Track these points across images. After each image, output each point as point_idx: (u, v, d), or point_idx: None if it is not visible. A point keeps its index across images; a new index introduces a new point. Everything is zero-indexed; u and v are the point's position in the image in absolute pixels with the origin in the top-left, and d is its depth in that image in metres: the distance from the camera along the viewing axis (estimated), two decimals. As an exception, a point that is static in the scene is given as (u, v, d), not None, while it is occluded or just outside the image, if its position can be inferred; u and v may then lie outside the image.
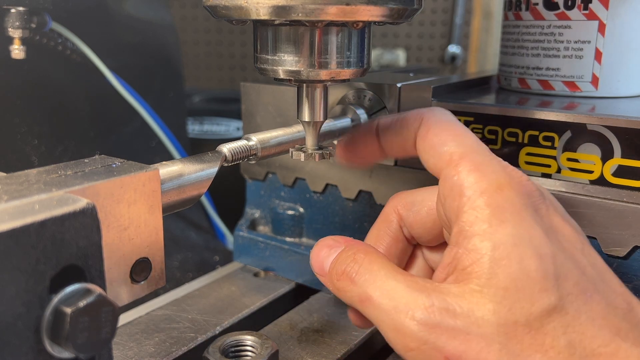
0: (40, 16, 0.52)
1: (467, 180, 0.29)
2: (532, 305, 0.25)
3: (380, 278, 0.29)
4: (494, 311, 0.25)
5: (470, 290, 0.26)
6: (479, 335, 0.25)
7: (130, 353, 0.38)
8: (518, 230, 0.27)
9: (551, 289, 0.25)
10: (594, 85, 0.45)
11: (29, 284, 0.20)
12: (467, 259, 0.27)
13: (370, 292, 0.28)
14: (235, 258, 0.54)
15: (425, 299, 0.26)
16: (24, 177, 0.25)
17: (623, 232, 0.36)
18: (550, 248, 0.26)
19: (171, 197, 0.30)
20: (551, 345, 0.25)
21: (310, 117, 0.35)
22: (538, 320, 0.25)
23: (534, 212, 0.28)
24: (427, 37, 1.33)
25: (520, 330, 0.25)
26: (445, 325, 0.26)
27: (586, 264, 0.27)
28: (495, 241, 0.26)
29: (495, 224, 0.27)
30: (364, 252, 0.31)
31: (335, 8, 0.28)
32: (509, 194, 0.28)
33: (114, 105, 0.64)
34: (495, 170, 0.29)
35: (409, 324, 0.26)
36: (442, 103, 0.42)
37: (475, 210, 0.27)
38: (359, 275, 0.29)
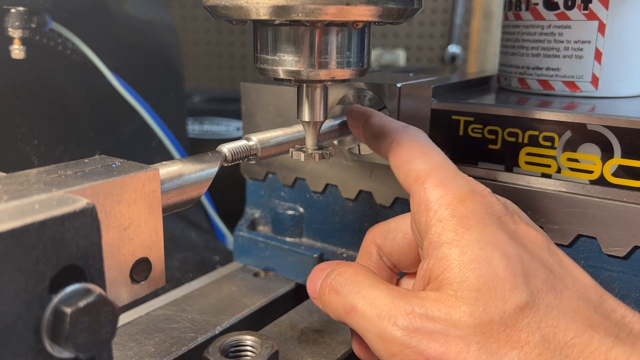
0: (40, 16, 0.52)
1: (432, 195, 0.30)
2: (505, 303, 0.26)
3: (364, 287, 0.30)
4: (470, 313, 0.26)
5: (445, 295, 0.27)
6: (457, 336, 0.26)
7: (130, 353, 0.38)
8: (483, 236, 0.28)
9: (521, 286, 0.26)
10: (594, 85, 0.45)
11: (29, 284, 0.20)
12: (438, 268, 0.28)
13: (354, 302, 0.29)
14: (235, 258, 0.54)
15: (406, 304, 0.27)
16: (24, 177, 0.25)
17: (623, 232, 0.36)
18: (515, 250, 0.28)
19: (171, 197, 0.30)
20: (526, 340, 0.25)
21: (310, 117, 0.35)
22: (512, 318, 0.26)
23: (497, 220, 0.29)
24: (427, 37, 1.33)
25: (496, 328, 0.26)
26: (425, 329, 0.26)
27: (553, 263, 0.28)
28: (462, 247, 0.28)
29: (461, 231, 0.28)
30: (348, 266, 0.32)
31: (335, 8, 0.28)
32: (472, 205, 0.29)
33: (114, 105, 0.64)
34: (459, 184, 0.30)
35: (392, 329, 0.27)
36: (442, 103, 0.42)
37: (441, 222, 0.29)
38: (343, 286, 0.30)
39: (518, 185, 0.39)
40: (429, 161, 0.32)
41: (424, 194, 0.31)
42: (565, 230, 0.38)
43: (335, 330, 0.42)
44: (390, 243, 0.36)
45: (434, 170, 0.31)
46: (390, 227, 0.36)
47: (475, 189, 0.30)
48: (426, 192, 0.30)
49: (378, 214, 0.46)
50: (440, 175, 0.31)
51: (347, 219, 0.48)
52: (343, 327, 0.43)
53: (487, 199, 0.30)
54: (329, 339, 0.41)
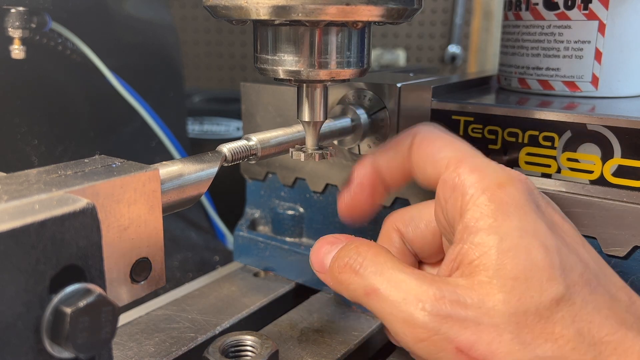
0: (40, 16, 0.52)
1: (468, 180, 0.29)
2: (541, 294, 0.25)
3: (387, 270, 0.28)
4: (505, 301, 0.25)
5: (479, 282, 0.26)
6: (490, 325, 0.25)
7: (130, 353, 0.38)
8: (523, 224, 0.27)
9: (558, 278, 0.26)
10: (594, 85, 0.45)
11: (29, 284, 0.20)
12: (474, 253, 0.27)
13: (376, 284, 0.28)
14: (235, 258, 0.54)
15: (436, 290, 0.26)
16: (24, 177, 0.25)
17: (623, 232, 0.36)
18: (554, 241, 0.27)
19: (171, 197, 0.30)
20: (561, 334, 0.25)
21: (310, 117, 0.35)
22: (548, 310, 0.25)
23: (536, 208, 0.28)
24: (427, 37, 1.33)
25: (531, 319, 0.25)
26: (457, 316, 0.26)
27: (588, 258, 0.28)
28: (501, 234, 0.27)
29: (501, 218, 0.27)
30: (367, 245, 0.30)
31: (335, 8, 0.28)
32: (511, 190, 0.28)
33: (114, 105, 0.64)
34: (495, 170, 0.29)
35: (420, 314, 0.26)
36: (442, 103, 0.42)
37: (479, 207, 0.28)
38: (364, 267, 0.29)
39: (518, 185, 0.39)
40: (459, 149, 0.31)
41: (458, 179, 0.29)
42: (565, 230, 0.38)
43: (335, 330, 0.42)
44: (413, 231, 0.35)
45: (467, 157, 0.30)
46: (412, 215, 0.35)
47: (513, 175, 0.29)
48: (460, 177, 0.29)
49: (378, 214, 0.46)
50: (473, 161, 0.30)
51: (347, 219, 0.48)
52: (343, 327, 0.43)
53: (526, 185, 0.29)
54: (329, 339, 0.41)
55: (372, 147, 0.44)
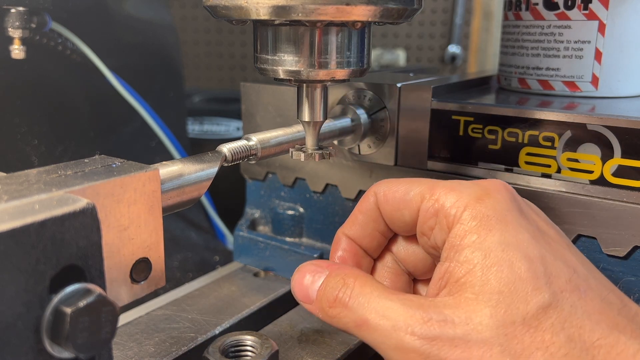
0: (40, 16, 0.52)
1: (447, 201, 0.30)
2: (527, 304, 0.26)
3: (375, 299, 0.29)
4: (491, 315, 0.26)
5: (465, 299, 0.27)
6: (479, 340, 0.25)
7: (130, 353, 0.38)
8: (505, 236, 0.27)
9: (543, 287, 0.26)
10: (594, 85, 0.45)
11: (29, 284, 0.20)
12: (460, 271, 0.27)
13: (366, 315, 0.28)
14: (235, 258, 0.54)
15: (423, 313, 0.27)
16: (24, 177, 0.25)
17: (623, 232, 0.36)
18: (538, 250, 0.27)
19: (171, 197, 0.30)
20: (551, 341, 0.25)
21: (310, 117, 0.35)
22: (535, 318, 0.25)
23: (518, 215, 0.29)
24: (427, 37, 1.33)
25: (519, 329, 0.25)
26: (445, 336, 0.26)
27: (576, 262, 0.28)
28: (484, 250, 0.27)
29: (483, 233, 0.28)
30: (353, 276, 0.31)
31: (335, 8, 0.28)
32: (490, 202, 0.29)
33: (114, 105, 0.64)
34: (469, 186, 0.30)
35: (409, 339, 0.26)
36: (442, 103, 0.42)
37: (462, 224, 0.28)
38: (352, 299, 0.29)
39: (518, 185, 0.39)
40: (426, 181, 0.32)
41: (437, 203, 0.30)
42: (566, 230, 0.38)
43: (335, 330, 0.42)
44: (405, 250, 0.35)
45: (436, 184, 0.31)
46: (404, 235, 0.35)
47: (490, 187, 0.30)
48: (439, 201, 0.30)
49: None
50: (445, 185, 0.31)
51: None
52: (343, 327, 0.43)
53: (506, 193, 0.30)
54: (329, 339, 0.41)
55: (372, 147, 0.44)
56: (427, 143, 0.43)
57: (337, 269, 0.32)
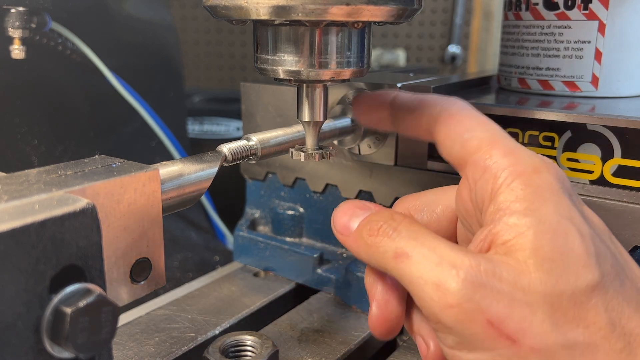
0: (40, 16, 0.52)
1: (502, 163, 0.28)
2: (577, 279, 0.25)
3: (422, 236, 0.28)
4: (541, 281, 0.25)
5: (515, 260, 0.26)
6: (524, 302, 0.25)
7: (130, 353, 0.38)
8: (559, 209, 0.27)
9: (594, 265, 0.25)
10: (594, 85, 0.45)
11: (29, 284, 0.20)
12: (509, 233, 0.26)
13: (409, 247, 0.27)
14: (235, 258, 0.54)
15: (472, 259, 0.26)
16: (24, 177, 0.25)
17: (623, 232, 0.36)
18: (589, 229, 0.27)
19: (171, 197, 0.30)
20: (593, 320, 0.25)
21: (310, 117, 0.35)
22: (583, 295, 0.25)
23: (569, 197, 0.28)
24: (427, 37, 1.33)
25: (565, 302, 0.25)
26: (491, 287, 0.25)
27: (615, 251, 0.28)
28: (539, 217, 0.26)
29: (538, 202, 0.26)
30: (402, 214, 0.30)
31: (335, 8, 0.28)
32: (546, 176, 0.28)
33: (114, 105, 0.64)
34: (529, 155, 0.29)
35: (453, 279, 0.25)
36: (442, 103, 0.42)
37: (513, 190, 0.27)
38: (397, 232, 0.28)
39: (518, 185, 0.39)
40: (490, 130, 0.30)
41: (490, 161, 0.28)
42: (565, 230, 0.38)
43: (335, 330, 0.42)
44: (428, 217, 0.33)
45: (499, 139, 0.29)
46: (427, 200, 0.34)
47: (547, 161, 0.29)
48: (493, 158, 0.28)
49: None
50: (506, 144, 0.29)
51: (347, 219, 0.48)
52: (343, 327, 0.43)
53: (560, 173, 0.29)
54: (329, 339, 0.41)
55: (372, 147, 0.44)
56: (427, 143, 0.43)
57: (387, 209, 0.31)
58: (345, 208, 0.32)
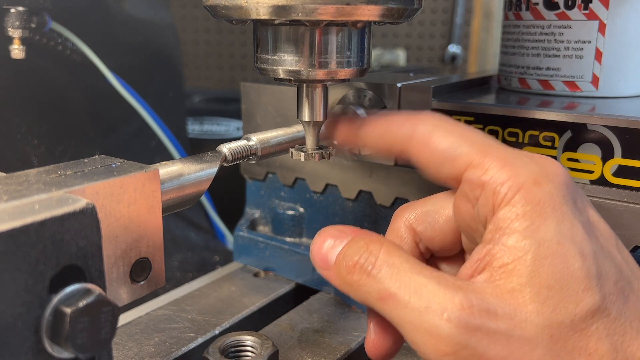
0: (40, 16, 0.52)
1: (499, 177, 0.26)
2: (577, 305, 0.24)
3: (405, 273, 0.26)
4: (538, 312, 0.24)
5: (509, 289, 0.24)
6: (522, 339, 0.23)
7: (130, 353, 0.38)
8: (561, 227, 0.25)
9: (594, 288, 0.24)
10: (594, 85, 0.45)
11: (29, 284, 0.20)
12: (507, 257, 0.25)
13: (393, 288, 0.26)
14: (235, 258, 0.54)
15: (463, 297, 0.24)
16: (23, 177, 0.25)
17: (623, 232, 0.36)
18: (591, 246, 0.25)
19: (171, 197, 0.30)
20: (594, 348, 0.24)
21: (310, 117, 0.35)
22: (583, 322, 0.24)
23: (573, 206, 0.26)
24: (427, 37, 1.33)
25: (565, 332, 0.24)
26: (487, 328, 0.24)
27: (621, 261, 0.26)
28: (538, 239, 0.25)
29: (538, 220, 0.25)
30: (379, 243, 0.28)
31: (335, 8, 0.28)
32: (548, 188, 0.26)
33: (114, 105, 0.64)
34: (527, 163, 0.27)
35: (445, 326, 0.24)
36: (442, 103, 0.42)
37: (513, 206, 0.25)
38: (377, 268, 0.26)
39: (518, 185, 0.39)
40: (477, 142, 0.28)
41: (487, 176, 0.26)
42: (566, 230, 0.38)
43: (335, 331, 0.42)
44: (432, 227, 0.31)
45: (489, 150, 0.27)
46: (428, 210, 0.31)
47: (549, 169, 0.27)
48: (488, 173, 0.26)
49: (378, 214, 0.46)
50: (500, 154, 0.27)
51: (347, 219, 0.48)
52: (343, 327, 0.43)
53: (563, 178, 0.27)
54: (329, 339, 0.41)
55: (372, 147, 0.44)
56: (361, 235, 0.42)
57: (362, 234, 0.29)
58: (321, 239, 0.30)
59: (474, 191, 0.27)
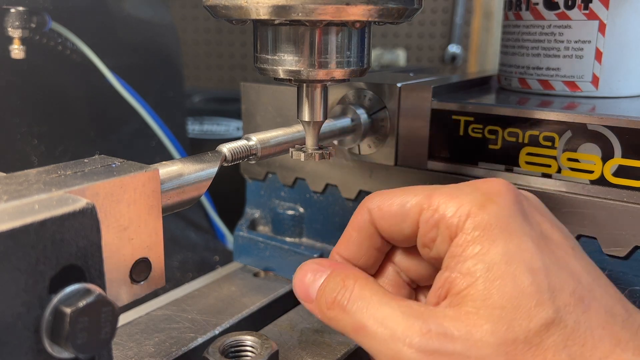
0: (40, 16, 0.52)
1: (449, 211, 0.28)
2: (530, 321, 0.25)
3: (374, 305, 0.28)
4: (492, 331, 0.25)
5: (466, 312, 0.26)
6: (478, 358, 0.25)
7: (130, 353, 0.38)
8: (509, 247, 0.26)
9: (546, 302, 0.25)
10: (594, 85, 0.45)
11: (29, 284, 0.20)
12: (462, 283, 0.26)
13: (364, 320, 0.28)
14: (235, 258, 0.54)
15: (422, 324, 0.26)
16: (23, 177, 0.25)
17: (623, 232, 0.36)
18: (542, 261, 0.26)
19: (171, 197, 0.30)
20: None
21: (310, 117, 0.35)
22: (537, 336, 0.24)
23: (522, 221, 0.28)
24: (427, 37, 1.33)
25: (520, 348, 0.24)
26: (444, 350, 0.25)
27: (581, 271, 0.27)
28: (487, 262, 0.26)
29: (487, 244, 0.27)
30: (353, 278, 0.30)
31: (335, 8, 0.28)
32: (493, 209, 0.27)
33: (114, 105, 0.64)
34: (469, 192, 0.29)
35: (407, 351, 0.25)
36: (442, 103, 0.42)
37: (465, 233, 0.27)
38: (351, 302, 0.29)
39: (518, 185, 0.39)
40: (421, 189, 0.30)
41: (437, 213, 0.28)
42: (566, 230, 0.38)
43: (335, 331, 0.42)
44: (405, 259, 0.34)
45: (433, 192, 0.29)
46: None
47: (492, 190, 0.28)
48: (438, 211, 0.28)
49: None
50: (442, 191, 0.29)
51: (347, 219, 0.48)
52: (343, 327, 0.42)
53: (509, 195, 0.28)
54: (329, 339, 0.41)
55: (372, 147, 0.44)
56: (428, 143, 0.43)
57: (339, 269, 0.31)
58: (302, 274, 0.32)
59: (430, 233, 0.29)
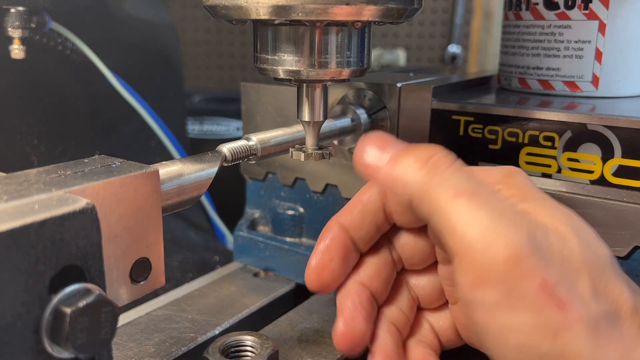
0: (40, 16, 0.52)
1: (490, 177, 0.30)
2: (601, 250, 0.27)
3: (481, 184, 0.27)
4: (580, 249, 0.26)
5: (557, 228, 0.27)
6: (570, 270, 0.25)
7: (130, 353, 0.38)
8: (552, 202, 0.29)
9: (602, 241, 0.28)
10: (594, 85, 0.45)
11: (29, 284, 0.20)
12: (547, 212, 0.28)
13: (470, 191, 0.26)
14: (235, 258, 0.54)
15: (529, 221, 0.26)
16: (23, 177, 0.25)
17: (623, 232, 0.36)
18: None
19: (171, 197, 0.30)
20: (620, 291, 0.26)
21: (310, 117, 0.35)
22: (605, 265, 0.26)
23: None
24: (427, 37, 1.33)
25: (599, 272, 0.26)
26: (545, 251, 0.25)
27: None
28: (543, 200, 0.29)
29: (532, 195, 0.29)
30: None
31: (335, 8, 0.28)
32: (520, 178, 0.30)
33: (114, 105, 0.64)
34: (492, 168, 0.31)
35: (517, 233, 0.25)
36: (442, 103, 0.42)
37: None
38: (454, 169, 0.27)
39: (518, 185, 0.39)
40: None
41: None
42: (566, 230, 0.38)
43: (335, 331, 0.42)
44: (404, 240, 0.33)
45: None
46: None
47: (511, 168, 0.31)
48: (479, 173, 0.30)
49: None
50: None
51: (347, 219, 0.48)
52: (343, 327, 0.42)
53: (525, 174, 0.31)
54: (329, 339, 0.41)
55: (372, 147, 0.44)
56: (427, 143, 0.43)
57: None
58: (374, 139, 0.30)
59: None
